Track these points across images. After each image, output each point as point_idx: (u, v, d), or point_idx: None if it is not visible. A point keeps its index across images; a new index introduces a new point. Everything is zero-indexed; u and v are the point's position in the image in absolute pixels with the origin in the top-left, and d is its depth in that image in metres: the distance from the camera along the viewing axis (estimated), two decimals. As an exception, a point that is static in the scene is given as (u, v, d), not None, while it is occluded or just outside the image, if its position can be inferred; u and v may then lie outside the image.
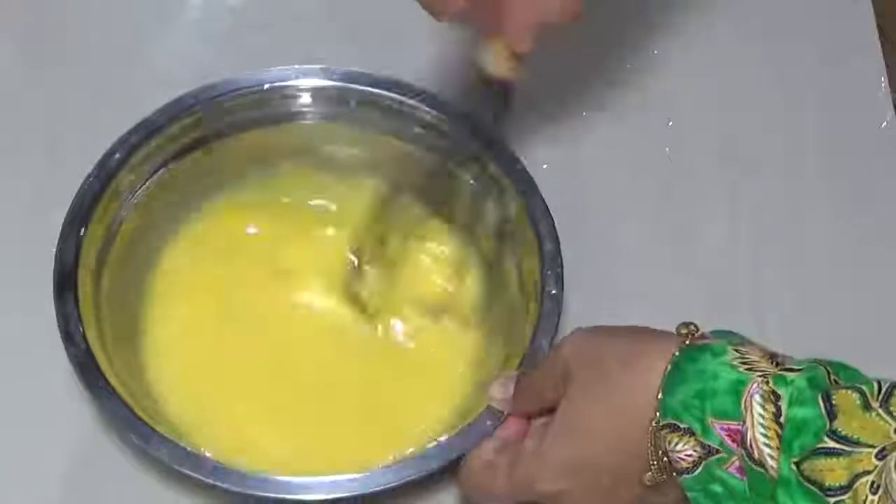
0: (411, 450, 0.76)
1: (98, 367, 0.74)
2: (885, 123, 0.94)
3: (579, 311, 0.81)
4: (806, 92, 0.95)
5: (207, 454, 0.74)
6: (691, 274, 0.88)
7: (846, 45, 0.96)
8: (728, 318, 0.77)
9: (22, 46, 0.93)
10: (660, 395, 0.65)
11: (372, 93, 0.83)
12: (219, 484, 0.72)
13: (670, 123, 0.93)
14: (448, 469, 0.74)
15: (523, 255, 0.81)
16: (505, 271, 0.82)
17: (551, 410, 0.71)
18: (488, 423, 0.74)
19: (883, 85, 0.95)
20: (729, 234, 0.90)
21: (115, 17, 0.95)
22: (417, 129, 0.84)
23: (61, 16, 0.95)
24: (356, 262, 0.84)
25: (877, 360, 0.64)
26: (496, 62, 0.78)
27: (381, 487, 0.72)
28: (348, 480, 0.73)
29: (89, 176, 0.79)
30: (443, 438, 0.75)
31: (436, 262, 0.85)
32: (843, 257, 0.89)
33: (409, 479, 0.73)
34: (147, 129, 0.81)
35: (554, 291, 0.78)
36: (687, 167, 0.92)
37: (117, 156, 0.80)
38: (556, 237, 0.79)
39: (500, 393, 0.74)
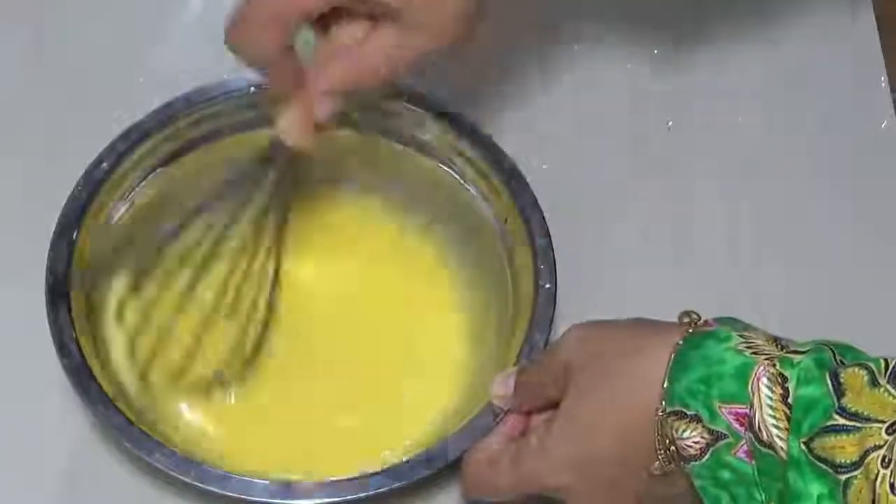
0: (410, 450, 0.76)
1: (93, 377, 0.74)
2: (885, 123, 0.94)
3: (578, 309, 0.81)
4: (806, 92, 0.95)
5: (204, 460, 0.73)
6: (690, 273, 0.88)
7: (846, 46, 0.96)
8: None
9: (22, 46, 0.93)
10: (665, 384, 0.65)
11: (361, 93, 0.83)
12: (216, 490, 0.72)
13: (670, 123, 0.93)
14: (448, 469, 0.74)
15: (515, 250, 0.81)
16: (498, 266, 0.82)
17: (553, 406, 0.71)
18: (488, 420, 0.74)
19: (883, 85, 0.95)
20: (729, 234, 0.90)
21: (115, 17, 0.95)
22: (406, 129, 0.84)
23: (61, 16, 0.95)
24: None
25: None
26: (289, 128, 0.75)
27: (384, 489, 0.72)
28: (349, 483, 0.73)
29: (78, 184, 0.79)
30: (443, 437, 0.74)
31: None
32: (843, 257, 0.89)
33: (408, 479, 0.73)
34: (136, 135, 0.81)
35: (548, 286, 0.78)
36: (687, 167, 0.92)
37: (105, 163, 0.80)
38: (548, 231, 0.79)
39: (500, 389, 0.74)
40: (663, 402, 0.65)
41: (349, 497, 0.72)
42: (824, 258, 0.89)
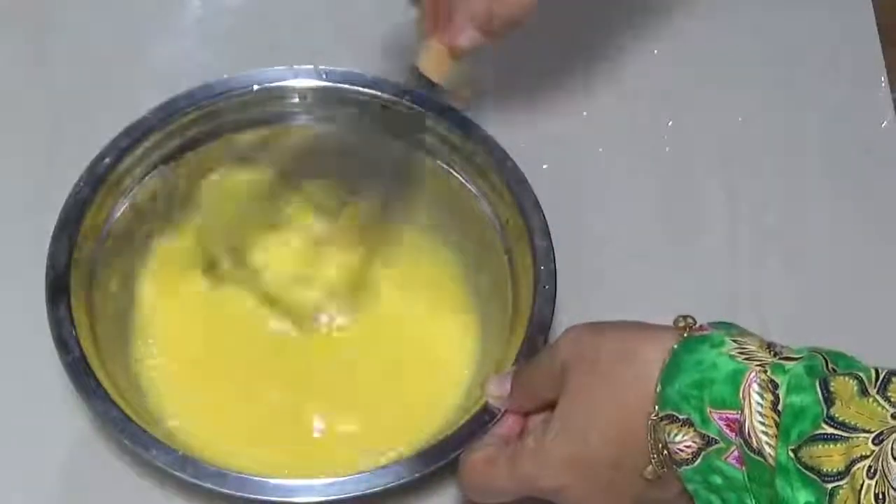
0: (409, 450, 0.76)
1: (92, 373, 0.74)
2: (885, 123, 0.94)
3: (578, 310, 0.81)
4: (806, 92, 0.95)
5: (203, 458, 0.73)
6: (690, 273, 0.88)
7: (846, 46, 0.96)
8: (726, 319, 0.77)
9: (22, 46, 0.93)
10: (658, 387, 0.65)
11: (364, 93, 0.83)
12: (216, 488, 0.72)
13: (670, 123, 0.93)
14: (446, 469, 0.74)
15: (516, 250, 0.80)
16: (498, 267, 0.82)
17: (549, 406, 0.71)
18: (485, 420, 0.74)
19: (883, 85, 0.95)
20: (729, 234, 0.90)
21: (115, 17, 0.95)
22: (407, 128, 0.84)
23: (61, 16, 0.95)
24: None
25: (877, 360, 0.64)
26: (428, 59, 0.77)
27: (380, 488, 0.72)
28: (347, 482, 0.72)
29: (79, 180, 0.79)
30: (440, 437, 0.74)
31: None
32: (843, 257, 0.89)
33: (407, 479, 0.73)
34: (138, 132, 0.81)
35: (547, 287, 0.78)
36: (687, 167, 0.92)
37: (107, 160, 0.80)
38: (548, 232, 0.79)
39: (497, 390, 0.74)
40: (656, 406, 0.65)
41: (346, 496, 0.72)
42: (824, 258, 0.89)
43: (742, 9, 0.97)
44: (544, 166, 0.89)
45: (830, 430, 0.59)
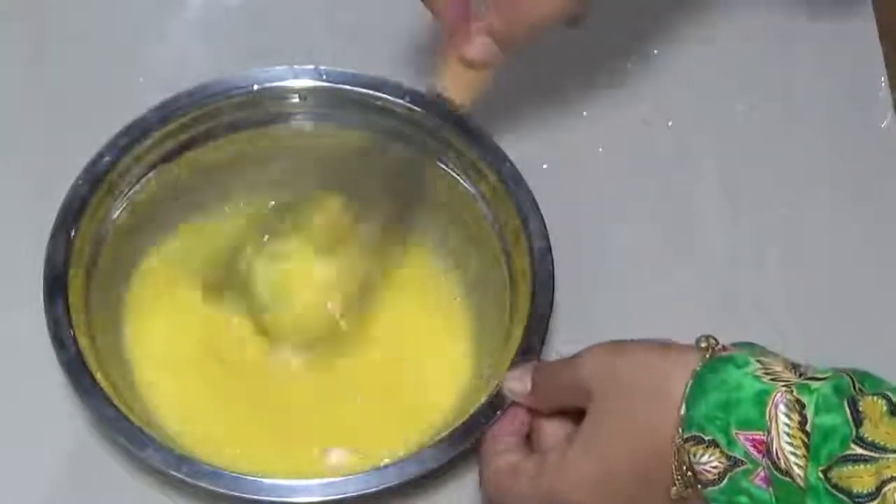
0: (405, 450, 0.76)
1: (88, 371, 0.74)
2: (885, 123, 0.94)
3: (576, 311, 0.81)
4: (806, 92, 0.95)
5: (199, 457, 0.73)
6: (690, 273, 0.88)
7: (846, 45, 0.96)
8: (727, 319, 0.77)
9: (22, 46, 0.93)
10: (683, 409, 0.65)
11: (362, 93, 0.83)
12: (212, 488, 0.72)
13: (670, 123, 0.93)
14: (444, 469, 0.74)
15: (514, 252, 0.80)
16: (496, 268, 0.82)
17: (563, 412, 0.72)
18: (482, 422, 0.74)
19: (883, 85, 0.95)
20: (729, 233, 0.90)
21: (115, 16, 0.95)
22: (405, 128, 0.84)
23: (61, 15, 0.95)
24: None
25: (878, 361, 0.65)
26: (447, 79, 0.76)
27: (377, 488, 0.72)
28: (344, 482, 0.72)
29: (78, 179, 0.79)
30: (438, 438, 0.74)
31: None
32: (843, 257, 0.89)
33: (405, 479, 0.73)
34: (137, 131, 0.81)
35: (545, 289, 0.78)
36: (687, 167, 0.92)
37: (106, 159, 0.80)
38: (546, 234, 0.79)
39: (518, 386, 0.74)
40: (680, 429, 0.65)
41: (344, 496, 0.72)
42: (824, 258, 0.89)
43: (742, 9, 0.97)
44: (544, 166, 0.89)
45: (860, 451, 0.59)
